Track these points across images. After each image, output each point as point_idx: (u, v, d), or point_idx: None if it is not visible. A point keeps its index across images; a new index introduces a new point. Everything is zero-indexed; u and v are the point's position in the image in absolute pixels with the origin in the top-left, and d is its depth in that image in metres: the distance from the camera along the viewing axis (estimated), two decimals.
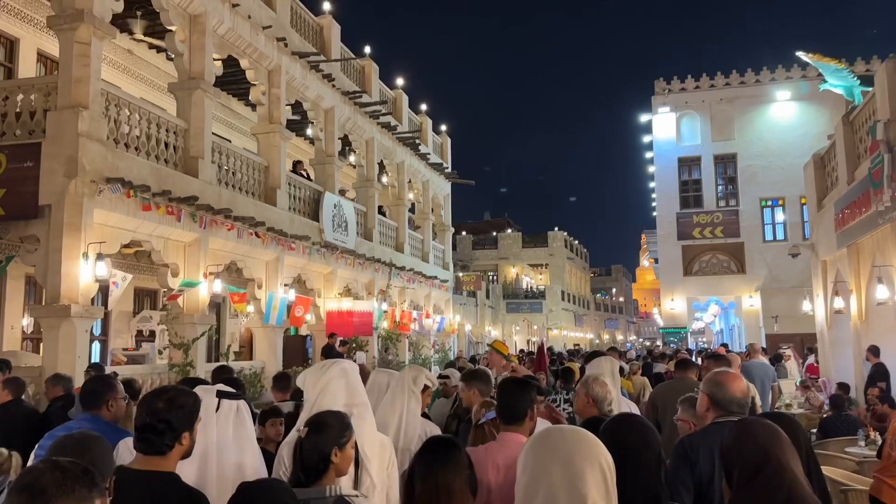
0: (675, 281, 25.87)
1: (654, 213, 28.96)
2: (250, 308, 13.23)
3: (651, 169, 28.61)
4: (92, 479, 1.56)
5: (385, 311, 17.86)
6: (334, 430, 2.54)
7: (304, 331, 16.14)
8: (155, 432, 2.32)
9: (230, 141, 13.84)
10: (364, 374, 3.87)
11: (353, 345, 15.91)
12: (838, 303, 11.46)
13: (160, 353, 12.38)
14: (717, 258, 25.40)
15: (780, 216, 25.44)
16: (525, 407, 3.09)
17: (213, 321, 14.72)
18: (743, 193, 25.66)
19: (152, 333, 14.31)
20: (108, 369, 9.16)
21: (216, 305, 16.49)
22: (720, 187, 26.24)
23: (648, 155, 28.92)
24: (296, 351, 14.31)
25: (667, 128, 26.42)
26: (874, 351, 10.12)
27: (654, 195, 29.13)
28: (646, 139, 28.74)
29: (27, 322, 11.28)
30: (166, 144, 10.95)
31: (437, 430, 3.96)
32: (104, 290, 11.14)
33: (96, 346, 13.90)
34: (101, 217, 9.40)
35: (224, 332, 17.18)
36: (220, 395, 2.74)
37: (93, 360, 11.51)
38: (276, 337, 13.58)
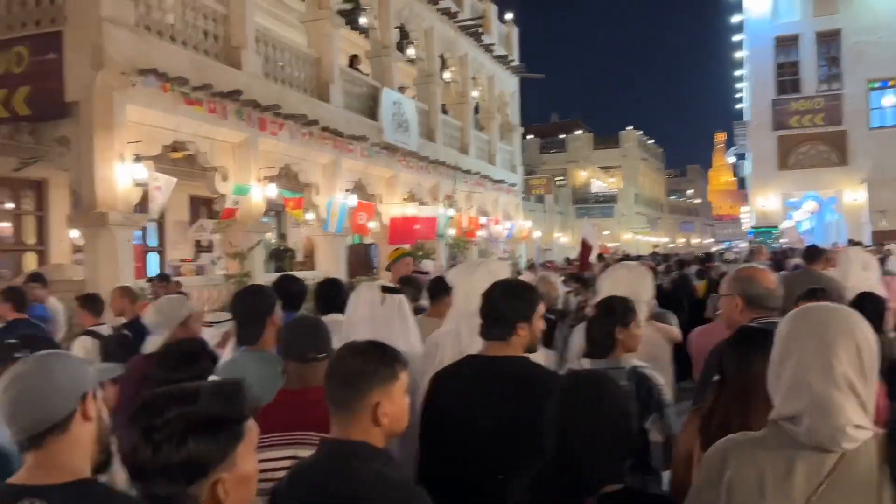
0: (769, 176, 23.58)
1: (741, 105, 26.51)
2: (308, 215, 12.32)
3: (739, 54, 25.89)
4: (395, 356, 1.87)
5: (451, 218, 16.76)
6: (618, 312, 3.01)
7: (367, 239, 15.26)
8: (495, 322, 2.49)
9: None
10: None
11: (420, 252, 14.96)
12: None
13: (214, 263, 11.72)
14: (817, 149, 22.91)
15: (890, 99, 22.58)
16: None
17: (270, 229, 13.99)
18: (847, 75, 22.76)
19: (212, 244, 13.68)
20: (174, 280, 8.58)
21: (277, 213, 15.73)
22: (822, 69, 23.37)
23: (737, 38, 26.13)
24: (360, 260, 13.43)
25: (760, 3, 23.47)
26: None
27: (741, 84, 26.55)
28: (735, 19, 25.86)
29: (76, 234, 10.68)
30: (205, 32, 9.81)
31: None
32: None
33: (154, 257, 13.40)
34: (137, 114, 8.46)
35: (287, 241, 16.49)
36: (385, 289, 3.10)
37: (154, 273, 10.96)
38: (338, 245, 12.71)
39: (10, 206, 10.78)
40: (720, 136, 70.53)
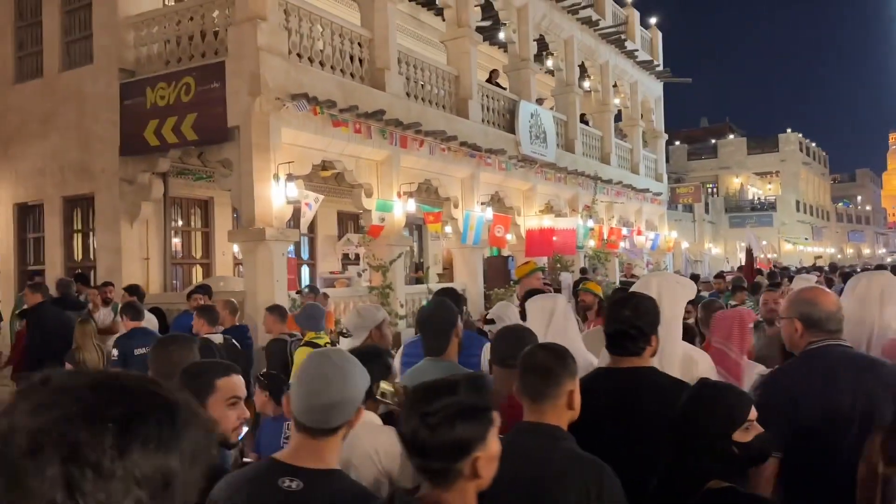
0: None
1: None
2: (447, 229, 12.59)
3: None
4: (572, 358, 2.14)
5: (591, 229, 16.47)
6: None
7: (505, 251, 15.34)
8: (628, 338, 2.50)
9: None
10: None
11: (558, 265, 14.81)
12: None
13: (359, 275, 12.26)
14: None
15: None
16: None
17: (411, 242, 14.44)
18: None
19: (358, 256, 14.32)
20: (322, 290, 9.20)
21: (417, 227, 16.21)
22: None
23: None
24: (498, 273, 13.51)
25: None
26: None
27: None
28: None
29: (237, 248, 11.57)
30: (351, 57, 10.33)
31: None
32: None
33: (306, 270, 14.21)
34: (290, 136, 9.06)
35: (426, 254, 16.92)
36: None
37: (305, 284, 11.69)
38: (475, 258, 12.88)
39: (180, 223, 11.85)
40: (895, 137, 64.29)
